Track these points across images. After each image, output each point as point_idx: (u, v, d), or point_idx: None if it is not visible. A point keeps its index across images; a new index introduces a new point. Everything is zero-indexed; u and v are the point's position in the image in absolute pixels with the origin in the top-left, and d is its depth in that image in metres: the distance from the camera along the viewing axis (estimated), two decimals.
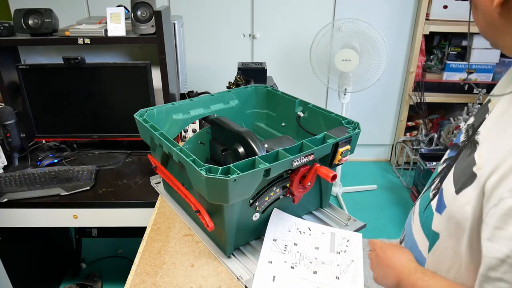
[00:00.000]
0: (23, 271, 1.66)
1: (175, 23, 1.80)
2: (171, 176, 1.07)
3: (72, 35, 1.50)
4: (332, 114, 1.11)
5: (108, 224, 1.40)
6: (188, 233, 1.06)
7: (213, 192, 0.79)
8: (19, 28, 1.50)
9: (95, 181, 1.45)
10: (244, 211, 0.90)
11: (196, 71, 2.86)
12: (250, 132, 0.99)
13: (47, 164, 1.57)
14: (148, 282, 0.90)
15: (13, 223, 1.40)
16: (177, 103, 1.19)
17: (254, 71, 1.78)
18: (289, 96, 1.26)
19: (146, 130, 1.04)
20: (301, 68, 2.84)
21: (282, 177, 0.94)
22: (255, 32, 2.75)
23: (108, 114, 1.62)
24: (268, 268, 0.87)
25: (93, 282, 1.91)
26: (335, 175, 0.90)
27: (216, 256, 0.97)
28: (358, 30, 2.17)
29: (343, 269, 0.88)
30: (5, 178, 1.42)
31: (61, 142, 1.74)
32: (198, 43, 2.79)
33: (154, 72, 1.56)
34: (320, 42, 2.24)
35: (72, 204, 1.36)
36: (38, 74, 1.54)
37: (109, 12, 1.51)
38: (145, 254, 0.99)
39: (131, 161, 1.63)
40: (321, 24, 2.37)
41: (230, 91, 1.31)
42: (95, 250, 2.22)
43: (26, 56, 1.71)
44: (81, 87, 1.57)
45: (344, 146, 0.96)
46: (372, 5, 2.68)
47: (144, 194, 1.38)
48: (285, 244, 0.93)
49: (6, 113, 1.51)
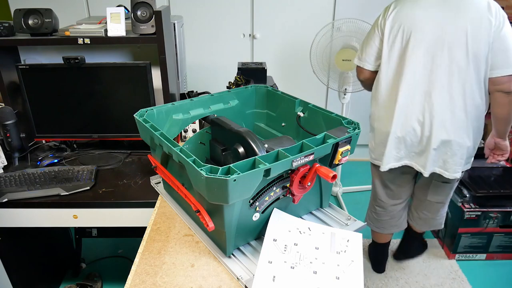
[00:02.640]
0: (23, 271, 1.66)
1: (175, 23, 1.80)
2: (171, 176, 1.07)
3: (72, 35, 1.50)
4: (332, 114, 1.11)
5: (108, 224, 1.40)
6: (188, 233, 1.06)
7: (213, 192, 0.79)
8: (19, 28, 1.50)
9: (95, 181, 1.45)
10: (244, 211, 0.90)
11: (196, 71, 2.86)
12: (250, 132, 0.99)
13: (47, 164, 1.57)
14: (148, 282, 0.90)
15: (13, 223, 1.40)
16: (177, 103, 1.19)
17: (254, 71, 1.78)
18: (289, 96, 1.26)
19: (146, 130, 1.04)
20: (301, 68, 2.84)
21: (282, 177, 0.94)
22: (255, 32, 2.75)
23: (108, 114, 1.62)
24: (268, 268, 0.87)
25: (93, 282, 1.91)
26: (335, 175, 0.90)
27: (216, 256, 0.97)
28: (358, 30, 2.17)
29: (343, 269, 0.88)
30: (5, 178, 1.42)
31: (61, 142, 1.74)
32: (198, 43, 2.79)
33: (154, 72, 1.56)
34: (320, 42, 2.24)
35: (72, 204, 1.36)
36: (38, 74, 1.54)
37: (109, 12, 1.51)
38: (145, 254, 0.99)
39: (131, 161, 1.63)
40: (321, 24, 2.37)
41: (230, 91, 1.31)
42: (95, 250, 2.22)
43: (26, 56, 1.71)
44: (81, 87, 1.57)
45: (344, 146, 0.96)
46: (372, 5, 2.68)
47: (144, 194, 1.38)
48: (285, 244, 0.93)
49: (6, 113, 1.51)
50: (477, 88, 1.45)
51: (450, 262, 2.11)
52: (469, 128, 1.50)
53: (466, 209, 2.00)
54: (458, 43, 1.40)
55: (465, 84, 1.44)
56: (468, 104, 1.46)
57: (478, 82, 1.44)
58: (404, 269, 2.06)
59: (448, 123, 1.48)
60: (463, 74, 1.43)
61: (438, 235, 2.28)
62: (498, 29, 1.36)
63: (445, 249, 2.18)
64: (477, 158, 2.36)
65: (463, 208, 2.00)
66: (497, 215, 2.00)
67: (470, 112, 1.47)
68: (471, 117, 1.48)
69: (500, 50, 1.38)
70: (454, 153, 1.52)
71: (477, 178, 2.14)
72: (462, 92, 1.45)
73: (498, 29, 1.36)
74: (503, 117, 1.50)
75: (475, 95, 1.46)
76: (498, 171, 2.23)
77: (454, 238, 2.09)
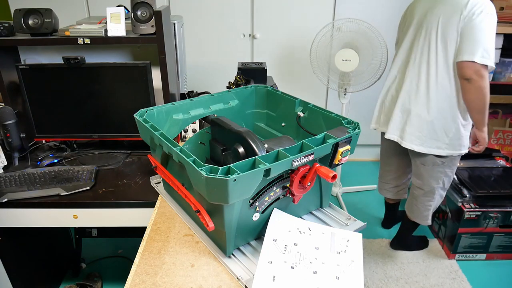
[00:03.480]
0: (23, 271, 1.66)
1: (175, 23, 1.80)
2: (171, 176, 1.07)
3: (72, 35, 1.50)
4: (332, 114, 1.11)
5: (108, 224, 1.40)
6: (188, 233, 1.06)
7: (213, 192, 0.79)
8: (19, 28, 1.50)
9: (95, 181, 1.45)
10: (244, 211, 0.90)
11: (196, 71, 2.86)
12: (250, 132, 0.99)
13: (47, 164, 1.57)
14: (148, 282, 0.90)
15: (13, 223, 1.40)
16: (177, 103, 1.19)
17: (254, 71, 1.78)
18: (289, 96, 1.26)
19: (146, 130, 1.04)
20: (301, 68, 2.84)
21: (282, 177, 0.94)
22: (255, 32, 2.75)
23: (108, 114, 1.62)
24: (268, 268, 0.87)
25: (93, 282, 1.91)
26: (335, 175, 0.90)
27: (216, 256, 0.97)
28: (358, 30, 2.17)
29: (343, 269, 0.88)
30: (5, 178, 1.42)
31: (61, 142, 1.74)
32: (198, 43, 2.79)
33: (154, 72, 1.56)
34: (320, 42, 2.24)
35: (72, 204, 1.36)
36: (38, 74, 1.54)
37: (109, 12, 1.51)
38: (145, 254, 0.99)
39: (131, 161, 1.63)
40: (321, 24, 2.37)
41: (230, 91, 1.31)
42: (95, 250, 2.22)
43: (26, 56, 1.71)
44: (81, 87, 1.57)
45: (344, 146, 0.96)
46: (372, 5, 2.68)
47: (144, 194, 1.38)
48: (285, 244, 0.93)
49: (6, 113, 1.51)
50: (444, 70, 1.63)
51: (450, 262, 2.11)
52: (430, 104, 1.68)
53: (466, 209, 2.00)
54: (432, 27, 1.64)
55: (430, 62, 1.66)
56: (431, 81, 1.66)
57: (446, 65, 1.62)
58: (404, 269, 2.06)
59: (412, 94, 1.73)
60: (433, 54, 1.65)
61: (438, 235, 2.28)
62: (469, 20, 1.51)
63: (445, 249, 2.18)
64: (477, 158, 2.38)
65: (463, 208, 2.00)
66: (497, 215, 2.00)
67: (432, 89, 1.67)
68: (434, 95, 1.67)
69: (466, 38, 1.53)
70: (412, 123, 1.73)
71: (477, 178, 2.14)
72: (427, 69, 1.67)
73: (470, 20, 1.50)
74: (469, 105, 1.63)
75: (442, 75, 1.64)
76: (498, 171, 2.23)
77: (454, 238, 2.09)
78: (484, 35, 1.49)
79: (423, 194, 1.90)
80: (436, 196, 1.90)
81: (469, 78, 1.54)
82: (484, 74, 1.53)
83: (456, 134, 1.69)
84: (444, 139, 1.70)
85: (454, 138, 1.69)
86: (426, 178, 1.85)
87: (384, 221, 2.39)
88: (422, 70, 1.69)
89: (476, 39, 1.50)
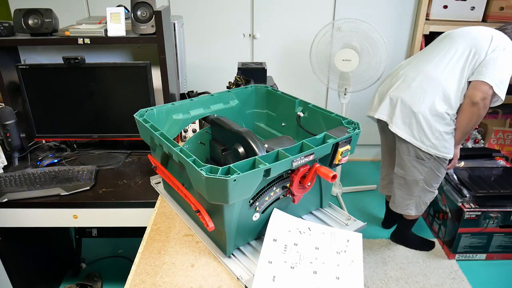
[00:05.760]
0: (23, 271, 1.66)
1: (175, 23, 1.80)
2: (171, 176, 1.07)
3: (72, 35, 1.50)
4: (332, 114, 1.11)
5: (108, 224, 1.40)
6: (188, 233, 1.07)
7: (213, 192, 0.79)
8: (19, 28, 1.50)
9: (95, 181, 1.45)
10: (244, 211, 0.90)
11: (196, 71, 2.86)
12: (250, 132, 0.99)
13: (47, 164, 1.57)
14: (148, 282, 0.90)
15: (13, 223, 1.40)
16: (177, 103, 1.19)
17: (254, 71, 1.78)
18: (289, 96, 1.26)
19: (146, 130, 1.04)
20: (301, 68, 2.84)
21: (282, 177, 0.94)
22: (255, 32, 2.75)
23: (108, 114, 1.62)
24: (268, 268, 0.87)
25: (93, 282, 1.91)
26: (335, 175, 0.90)
27: (216, 256, 0.97)
28: (358, 30, 2.17)
29: (343, 269, 0.88)
30: (5, 178, 1.42)
31: (61, 142, 1.74)
32: (198, 43, 2.79)
33: (154, 72, 1.56)
34: (320, 42, 2.24)
35: (72, 204, 1.36)
36: (38, 74, 1.54)
37: (109, 12, 1.51)
38: (145, 254, 0.99)
39: (131, 161, 1.63)
40: (321, 24, 2.37)
41: (230, 91, 1.31)
42: (95, 250, 2.22)
43: (26, 56, 1.71)
44: (81, 87, 1.57)
45: (344, 146, 0.96)
46: (372, 5, 2.68)
47: (144, 194, 1.38)
48: (285, 244, 0.93)
49: (6, 113, 1.51)
50: (455, 81, 1.69)
51: (450, 262, 2.11)
52: (422, 99, 1.72)
53: (466, 209, 1.99)
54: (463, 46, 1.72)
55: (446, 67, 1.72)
56: (435, 84, 1.72)
57: (457, 79, 1.69)
58: (404, 269, 2.06)
59: (410, 88, 1.77)
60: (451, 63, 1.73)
61: (438, 235, 2.28)
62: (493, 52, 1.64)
63: (445, 249, 2.18)
64: (477, 158, 2.38)
65: (463, 208, 2.00)
66: (497, 215, 2.00)
67: (432, 90, 1.72)
68: (431, 93, 1.71)
69: (485, 65, 1.63)
70: (400, 110, 1.78)
71: (477, 178, 2.14)
72: (435, 73, 1.74)
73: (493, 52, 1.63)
74: (459, 124, 1.73)
75: (448, 83, 1.69)
76: (498, 171, 2.23)
77: (454, 238, 2.08)
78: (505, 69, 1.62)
79: (404, 184, 1.93)
80: (417, 191, 1.91)
81: (476, 102, 1.63)
82: (487, 104, 1.64)
83: (441, 136, 1.74)
84: (429, 136, 1.74)
85: (439, 138, 1.74)
86: (409, 167, 1.87)
87: (384, 221, 2.39)
88: (431, 71, 1.74)
89: (498, 68, 1.61)
